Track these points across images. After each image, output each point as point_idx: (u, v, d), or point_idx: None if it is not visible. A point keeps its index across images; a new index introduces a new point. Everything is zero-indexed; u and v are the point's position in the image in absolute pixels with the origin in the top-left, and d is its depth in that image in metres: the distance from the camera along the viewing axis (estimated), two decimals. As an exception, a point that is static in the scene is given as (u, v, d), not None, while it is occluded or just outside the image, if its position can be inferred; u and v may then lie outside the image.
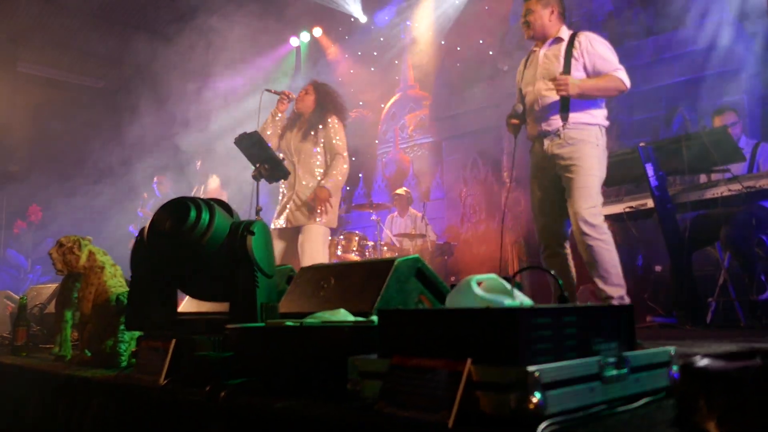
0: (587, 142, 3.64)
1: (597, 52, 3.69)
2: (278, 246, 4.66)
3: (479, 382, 1.18)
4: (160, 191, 8.20)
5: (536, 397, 1.10)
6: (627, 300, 3.56)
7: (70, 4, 10.75)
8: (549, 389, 1.14)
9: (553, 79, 3.61)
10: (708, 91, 6.40)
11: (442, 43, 9.90)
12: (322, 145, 4.78)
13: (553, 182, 3.77)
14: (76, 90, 11.71)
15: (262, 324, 1.87)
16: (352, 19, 10.57)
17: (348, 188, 10.22)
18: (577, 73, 3.67)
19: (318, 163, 4.77)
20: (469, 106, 8.69)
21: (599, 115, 3.73)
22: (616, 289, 3.54)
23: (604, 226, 3.57)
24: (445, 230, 8.66)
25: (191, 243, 2.02)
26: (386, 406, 1.27)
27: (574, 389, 1.19)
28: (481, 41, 9.43)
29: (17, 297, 4.55)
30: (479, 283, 1.56)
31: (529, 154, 3.95)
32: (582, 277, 3.96)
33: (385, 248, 7.39)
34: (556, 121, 3.69)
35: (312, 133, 4.75)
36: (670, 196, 4.44)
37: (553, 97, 3.68)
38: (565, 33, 3.82)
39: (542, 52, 3.84)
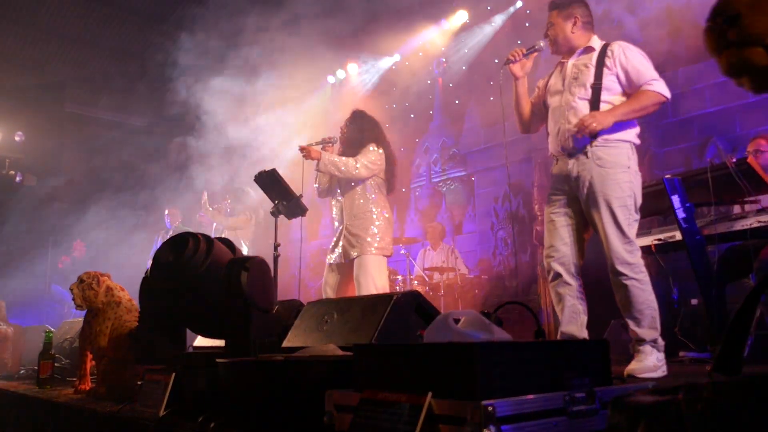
0: (618, 165, 3.31)
1: (631, 62, 3.38)
2: (332, 280, 4.63)
3: (439, 415, 1.19)
4: (172, 223, 8.35)
5: (490, 431, 1.11)
6: (661, 343, 3.27)
7: (113, 48, 11.26)
8: (506, 423, 1.14)
9: (577, 125, 3.30)
10: (742, 121, 6.29)
11: (474, 77, 10.00)
12: None
13: (573, 205, 3.47)
14: (119, 128, 12.18)
15: (253, 358, 1.91)
16: (386, 56, 10.79)
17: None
18: (610, 83, 3.40)
19: (359, 193, 4.69)
20: (500, 139, 8.72)
21: (631, 132, 3.41)
22: (649, 332, 3.23)
23: (641, 264, 3.26)
24: (477, 264, 8.60)
25: (190, 272, 2.08)
26: (352, 439, 1.29)
27: (534, 423, 1.19)
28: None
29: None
30: (459, 319, 1.57)
31: (550, 173, 3.64)
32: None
33: (416, 282, 7.38)
34: (583, 138, 3.34)
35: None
36: (698, 228, 4.33)
37: (582, 109, 3.39)
38: (596, 42, 3.55)
39: (571, 62, 3.57)
